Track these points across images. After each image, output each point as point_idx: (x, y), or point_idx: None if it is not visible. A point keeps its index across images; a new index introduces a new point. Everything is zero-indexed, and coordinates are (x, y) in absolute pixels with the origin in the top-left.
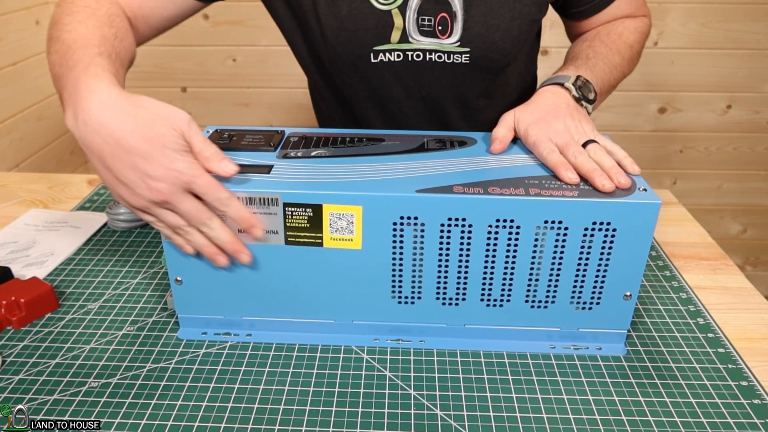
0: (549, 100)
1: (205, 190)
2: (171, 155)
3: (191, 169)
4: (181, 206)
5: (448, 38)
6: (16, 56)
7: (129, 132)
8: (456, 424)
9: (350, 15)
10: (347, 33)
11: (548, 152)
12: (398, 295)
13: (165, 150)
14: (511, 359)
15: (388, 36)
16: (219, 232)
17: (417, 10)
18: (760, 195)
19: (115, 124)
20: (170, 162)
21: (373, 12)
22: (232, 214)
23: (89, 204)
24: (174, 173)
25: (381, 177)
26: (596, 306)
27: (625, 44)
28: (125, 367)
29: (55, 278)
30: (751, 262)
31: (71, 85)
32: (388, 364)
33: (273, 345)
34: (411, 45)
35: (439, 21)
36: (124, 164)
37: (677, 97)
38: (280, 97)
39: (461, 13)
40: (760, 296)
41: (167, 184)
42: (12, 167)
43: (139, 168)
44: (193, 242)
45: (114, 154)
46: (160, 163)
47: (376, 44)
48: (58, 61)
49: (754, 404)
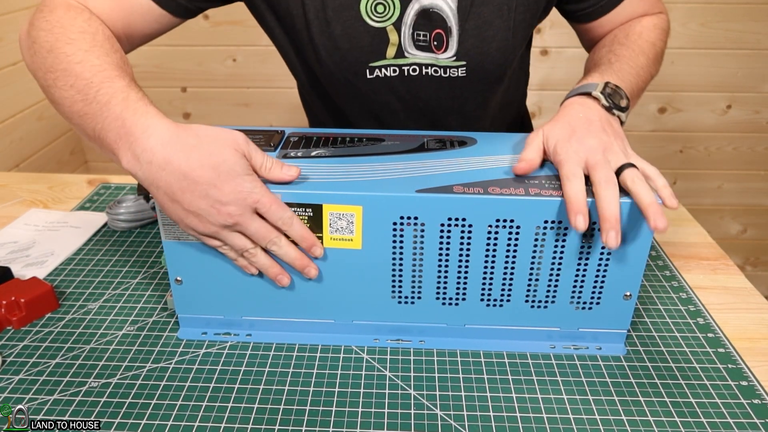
0: (579, 113)
1: (269, 209)
2: (237, 178)
3: (257, 188)
4: (251, 227)
5: (444, 53)
6: (16, 56)
7: (197, 164)
8: (456, 424)
9: (344, 34)
10: (341, 52)
11: (569, 176)
12: (398, 295)
13: (231, 174)
14: (511, 359)
15: (384, 52)
16: (287, 250)
17: (412, 26)
18: (760, 195)
19: (182, 158)
20: (238, 185)
21: (368, 30)
22: (294, 234)
23: (89, 204)
24: (242, 195)
25: (381, 177)
26: (596, 306)
27: (647, 42)
28: (125, 367)
29: (55, 278)
30: (751, 262)
31: (118, 126)
32: (388, 364)
33: (273, 345)
34: (407, 60)
35: (434, 36)
36: (194, 195)
37: (677, 97)
38: (280, 97)
39: (456, 28)
40: (760, 296)
41: (237, 206)
42: (12, 167)
43: (210, 196)
44: (257, 263)
45: (184, 188)
46: (230, 188)
47: (372, 61)
48: (78, 98)
49: (754, 404)
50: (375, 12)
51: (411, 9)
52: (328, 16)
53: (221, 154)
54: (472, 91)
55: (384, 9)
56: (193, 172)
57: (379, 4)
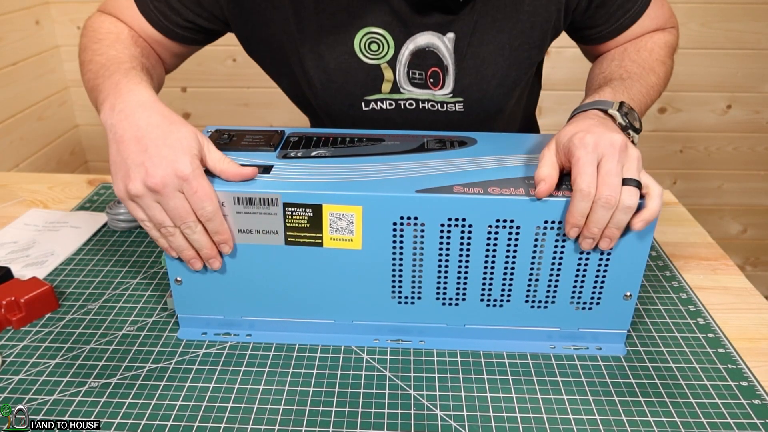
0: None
1: (194, 194)
2: (179, 152)
3: (191, 168)
4: (170, 203)
5: (441, 89)
6: (16, 56)
7: (155, 125)
8: (456, 424)
9: (338, 68)
10: (336, 85)
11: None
12: (398, 295)
13: (175, 146)
14: (511, 359)
15: (379, 87)
16: (199, 237)
17: (407, 65)
18: (760, 195)
19: (144, 116)
20: (175, 155)
21: (362, 66)
22: (210, 228)
23: (89, 204)
24: (172, 165)
25: (381, 177)
26: (596, 306)
27: (657, 61)
28: (125, 367)
29: (55, 278)
30: (751, 262)
31: (110, 87)
32: (388, 364)
33: (273, 345)
34: (402, 95)
35: (430, 74)
36: (136, 148)
37: (677, 97)
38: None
39: (453, 67)
40: (760, 296)
41: (164, 174)
42: (12, 167)
43: (147, 153)
44: (174, 243)
45: (132, 138)
46: (166, 156)
47: (366, 95)
48: (92, 77)
49: (754, 404)
50: (369, 49)
51: (405, 49)
52: (321, 50)
53: (179, 130)
54: (471, 122)
55: (378, 47)
56: (147, 128)
57: (373, 42)
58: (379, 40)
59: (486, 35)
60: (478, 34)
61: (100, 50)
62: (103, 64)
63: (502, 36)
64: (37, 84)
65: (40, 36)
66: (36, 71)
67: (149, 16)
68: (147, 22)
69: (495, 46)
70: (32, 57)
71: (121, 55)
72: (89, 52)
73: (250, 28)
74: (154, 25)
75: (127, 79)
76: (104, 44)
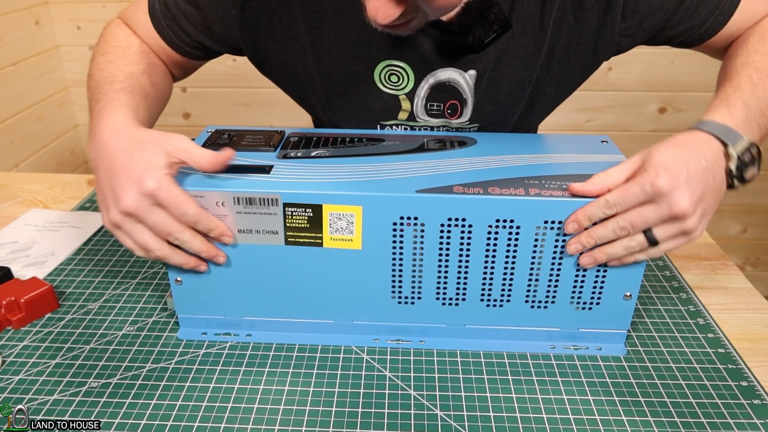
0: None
1: (168, 203)
2: (144, 172)
3: (155, 183)
4: (150, 219)
5: (458, 119)
6: (16, 56)
7: (121, 150)
8: (456, 424)
9: (356, 95)
10: (352, 110)
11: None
12: (398, 295)
13: (140, 165)
14: (511, 359)
15: (395, 115)
16: (192, 243)
17: (426, 98)
18: (760, 195)
19: (115, 143)
20: (140, 176)
21: (380, 95)
22: (200, 228)
23: (89, 204)
24: (137, 186)
25: (381, 177)
26: (596, 306)
27: None
28: (125, 367)
29: (55, 278)
30: (751, 262)
31: (95, 116)
32: (388, 364)
33: (273, 345)
34: (418, 123)
35: (448, 106)
36: (107, 177)
37: (677, 97)
38: (280, 97)
39: (471, 100)
40: (760, 296)
41: (132, 195)
42: (12, 167)
43: (115, 179)
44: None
45: (104, 170)
46: (131, 177)
47: (383, 120)
48: (90, 94)
49: (754, 404)
50: (389, 81)
51: (426, 83)
52: (340, 78)
53: (145, 148)
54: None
55: (398, 79)
56: (114, 155)
57: (393, 74)
58: (400, 73)
59: (505, 70)
60: (499, 69)
61: (102, 65)
62: (99, 82)
63: (524, 74)
64: (37, 84)
65: (40, 36)
66: (36, 71)
67: (162, 33)
68: (160, 38)
69: (514, 81)
70: (32, 57)
71: (118, 73)
72: (94, 63)
73: (264, 54)
74: (167, 41)
75: (110, 106)
76: (108, 58)
